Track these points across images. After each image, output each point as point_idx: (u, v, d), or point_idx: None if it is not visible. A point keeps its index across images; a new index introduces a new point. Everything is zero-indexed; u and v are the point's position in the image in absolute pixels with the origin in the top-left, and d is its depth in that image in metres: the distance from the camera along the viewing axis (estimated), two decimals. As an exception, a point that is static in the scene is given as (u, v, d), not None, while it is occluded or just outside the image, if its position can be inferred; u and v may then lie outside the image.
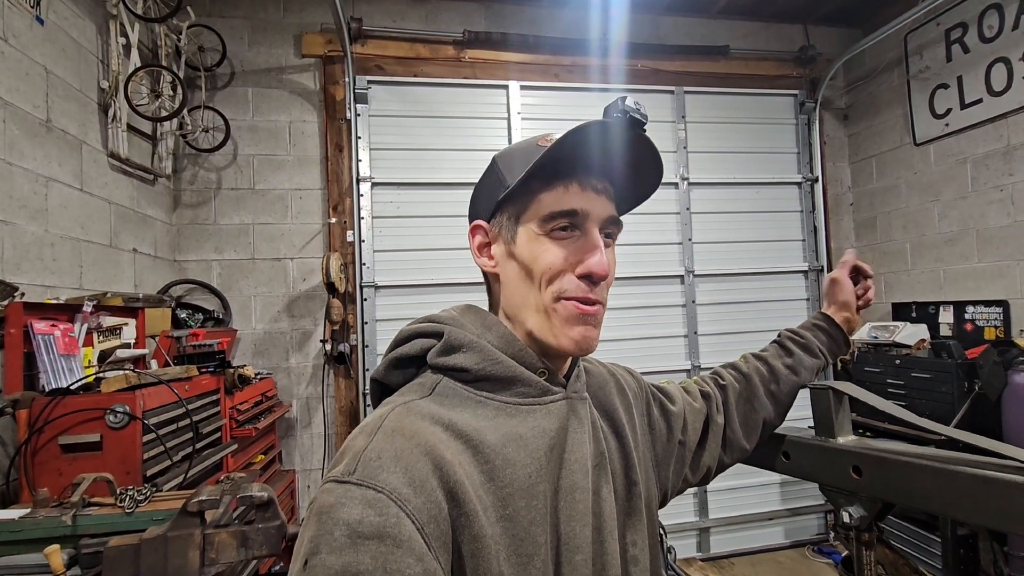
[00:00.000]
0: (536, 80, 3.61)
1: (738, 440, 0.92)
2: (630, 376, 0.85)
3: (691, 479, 0.87)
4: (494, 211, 0.68)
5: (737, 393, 0.94)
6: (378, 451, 0.50)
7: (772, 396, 0.95)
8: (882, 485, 0.86)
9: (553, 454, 0.60)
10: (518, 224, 0.64)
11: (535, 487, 0.57)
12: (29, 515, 1.39)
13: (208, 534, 1.35)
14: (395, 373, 0.66)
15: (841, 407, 0.97)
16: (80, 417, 1.71)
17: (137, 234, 2.81)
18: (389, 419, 0.54)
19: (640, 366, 4.04)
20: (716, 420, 0.90)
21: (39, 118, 2.16)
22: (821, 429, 0.98)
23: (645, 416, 0.81)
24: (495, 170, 0.69)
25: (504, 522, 0.54)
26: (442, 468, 0.50)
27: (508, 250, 0.65)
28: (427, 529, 0.47)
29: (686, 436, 0.85)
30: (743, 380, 0.96)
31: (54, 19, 2.28)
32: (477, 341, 0.62)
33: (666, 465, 0.81)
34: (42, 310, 1.89)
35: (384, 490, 0.47)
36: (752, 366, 0.98)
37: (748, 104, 3.90)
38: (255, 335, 3.26)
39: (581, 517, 0.60)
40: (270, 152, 3.35)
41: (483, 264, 0.69)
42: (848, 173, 4.15)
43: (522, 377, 0.62)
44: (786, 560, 3.41)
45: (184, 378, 2.10)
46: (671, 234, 3.74)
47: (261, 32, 3.38)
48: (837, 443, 0.94)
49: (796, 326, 1.05)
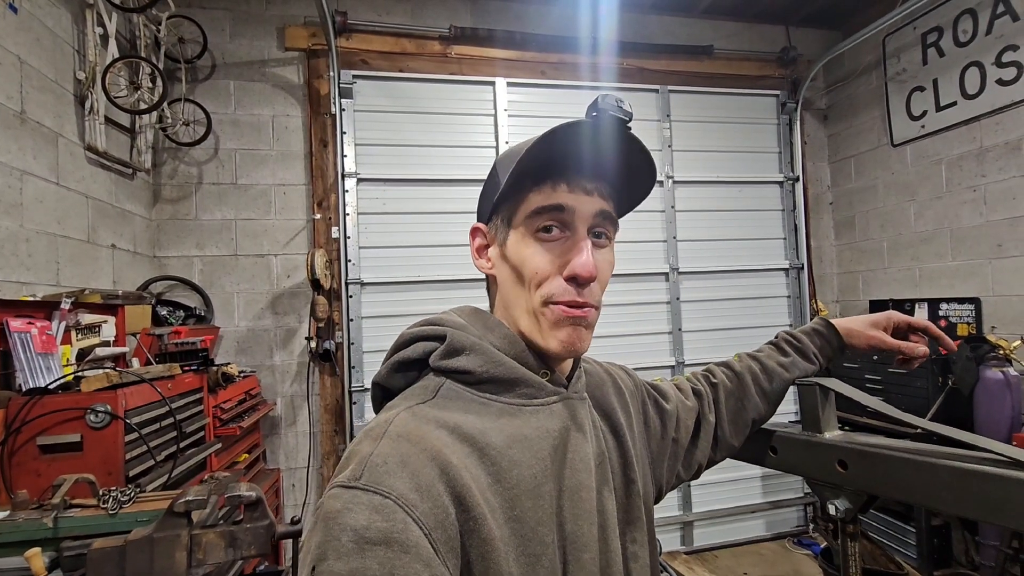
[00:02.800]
0: (523, 77, 3.61)
1: (727, 438, 0.94)
2: (626, 375, 0.86)
3: (683, 476, 0.89)
4: (490, 213, 0.68)
5: (728, 392, 0.96)
6: (384, 456, 0.50)
7: (763, 395, 0.97)
8: (866, 478, 0.88)
9: (557, 454, 0.61)
10: (510, 227, 0.64)
11: (541, 487, 0.57)
12: (8, 518, 1.36)
13: (195, 535, 1.34)
14: (397, 377, 0.65)
15: (827, 403, 0.99)
16: (59, 417, 1.67)
17: (116, 229, 2.75)
18: (395, 424, 0.54)
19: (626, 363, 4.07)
20: (707, 418, 0.92)
21: (13, 109, 2.10)
22: (808, 424, 1.00)
23: (641, 414, 0.82)
24: (494, 173, 0.69)
25: (512, 523, 0.54)
26: (448, 473, 0.51)
27: (501, 252, 0.66)
28: (434, 535, 0.47)
29: (679, 434, 0.86)
30: (735, 379, 0.97)
31: (28, 7, 2.21)
32: (480, 343, 0.62)
33: (660, 462, 0.83)
34: (18, 307, 1.84)
35: (391, 495, 0.46)
36: (745, 365, 0.99)
37: (731, 104, 3.96)
38: (238, 332, 3.21)
39: (587, 516, 0.61)
40: (253, 147, 3.30)
41: (481, 266, 0.69)
42: (828, 172, 4.23)
43: (525, 378, 0.62)
44: (768, 552, 3.48)
45: (167, 376, 2.06)
46: (656, 232, 3.78)
47: (243, 24, 3.32)
48: (824, 438, 0.96)
49: (795, 329, 1.06)
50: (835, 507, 0.93)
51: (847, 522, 0.95)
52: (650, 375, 0.99)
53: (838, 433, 0.98)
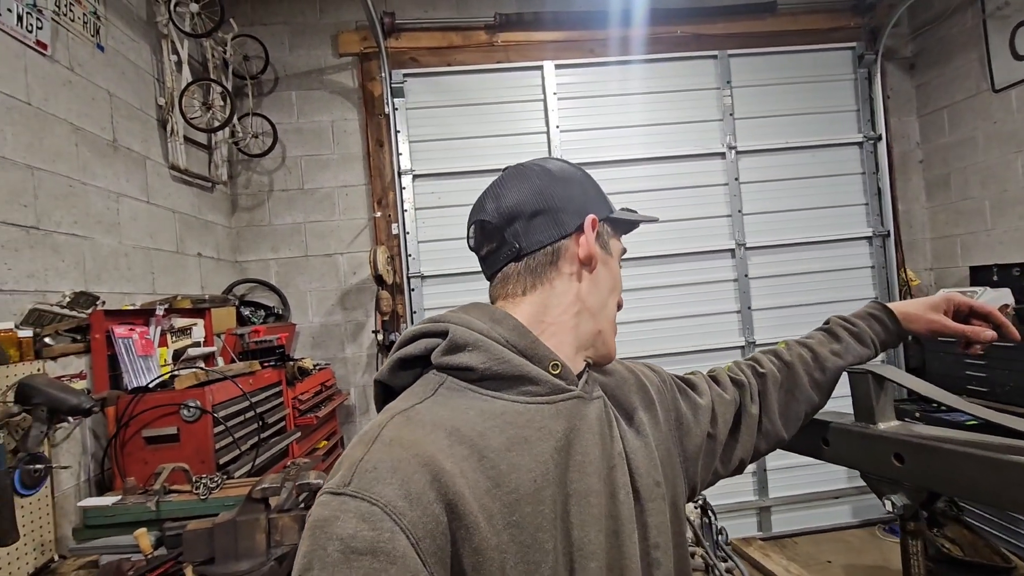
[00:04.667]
0: (571, 58, 3.53)
1: (776, 430, 0.89)
2: (651, 372, 0.84)
3: (722, 471, 0.86)
4: (603, 218, 0.73)
5: (778, 382, 0.90)
6: (375, 462, 0.49)
7: (816, 385, 0.91)
8: (925, 473, 0.82)
9: (560, 456, 0.59)
10: (610, 242, 0.75)
11: (541, 492, 0.56)
12: (120, 502, 1.56)
13: (272, 518, 1.47)
14: (400, 375, 0.65)
15: (882, 391, 0.92)
16: (159, 412, 1.88)
17: (200, 239, 3.01)
18: (387, 428, 0.54)
19: (691, 344, 3.89)
20: (750, 411, 0.87)
21: (106, 139, 2.34)
22: (861, 415, 0.94)
23: (672, 411, 0.80)
24: (595, 185, 0.76)
25: (511, 529, 0.53)
26: (441, 479, 0.50)
27: (605, 258, 0.72)
28: (422, 545, 0.46)
29: (715, 429, 0.83)
30: (784, 369, 0.92)
31: (112, 44, 2.45)
32: (483, 339, 0.61)
33: (694, 460, 0.80)
34: (120, 316, 2.08)
35: (378, 503, 0.46)
36: (795, 353, 0.93)
37: (800, 62, 3.66)
38: (312, 328, 3.43)
39: (595, 522, 0.59)
40: (315, 152, 3.48)
41: (598, 255, 0.70)
42: (916, 127, 3.82)
43: (530, 375, 0.61)
44: (854, 539, 3.28)
45: (248, 373, 2.26)
46: (719, 207, 3.60)
47: (300, 35, 3.49)
48: (878, 429, 0.90)
49: (849, 314, 1.00)
50: (892, 503, 0.87)
51: (907, 519, 0.88)
52: (719, 356, 0.96)
53: (895, 424, 0.91)
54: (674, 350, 3.50)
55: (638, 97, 3.56)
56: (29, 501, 1.55)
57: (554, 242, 0.68)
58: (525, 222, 0.69)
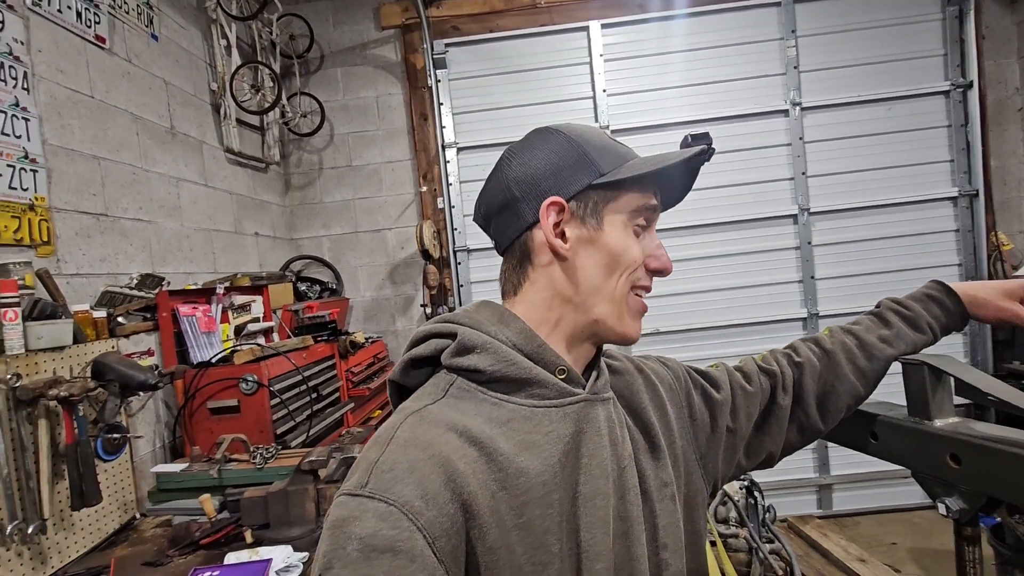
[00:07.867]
0: (618, 15, 3.35)
1: (812, 422, 0.84)
2: (663, 368, 0.79)
3: (746, 465, 0.82)
4: (576, 192, 0.64)
5: (816, 372, 0.84)
6: (391, 463, 0.50)
7: (860, 374, 0.84)
8: (983, 477, 0.74)
9: (569, 460, 0.59)
10: (603, 212, 0.64)
11: (549, 495, 0.56)
12: (187, 468, 1.70)
13: (320, 488, 1.55)
14: (412, 374, 0.66)
15: (939, 385, 0.83)
16: (221, 385, 2.01)
17: (257, 218, 3.15)
18: (402, 429, 0.54)
19: (749, 316, 3.73)
20: (780, 402, 0.82)
21: (164, 126, 2.46)
22: (915, 409, 0.86)
23: (685, 407, 0.76)
24: (577, 149, 0.64)
25: (518, 530, 0.53)
26: (455, 480, 0.50)
27: (589, 236, 0.64)
28: (439, 544, 0.47)
29: (736, 423, 0.78)
30: (824, 357, 0.85)
31: (166, 33, 2.54)
32: (491, 341, 0.61)
33: (712, 456, 0.77)
34: (185, 295, 2.22)
35: (396, 503, 0.47)
36: (837, 340, 0.86)
37: (875, 5, 3.29)
38: (364, 302, 3.55)
39: (602, 524, 0.58)
40: (361, 128, 3.52)
41: (557, 245, 0.63)
42: (1017, 71, 3.38)
43: (538, 378, 0.60)
44: (922, 521, 3.10)
45: (301, 348, 2.37)
46: (780, 169, 3.37)
47: (343, 10, 3.49)
48: (933, 426, 0.82)
49: (905, 296, 0.91)
50: (946, 506, 0.80)
51: (963, 524, 0.81)
52: (778, 329, 0.90)
53: (952, 420, 0.83)
54: (729, 321, 3.36)
55: (690, 54, 3.34)
56: (112, 466, 1.72)
57: (518, 236, 0.66)
58: (496, 218, 0.68)
